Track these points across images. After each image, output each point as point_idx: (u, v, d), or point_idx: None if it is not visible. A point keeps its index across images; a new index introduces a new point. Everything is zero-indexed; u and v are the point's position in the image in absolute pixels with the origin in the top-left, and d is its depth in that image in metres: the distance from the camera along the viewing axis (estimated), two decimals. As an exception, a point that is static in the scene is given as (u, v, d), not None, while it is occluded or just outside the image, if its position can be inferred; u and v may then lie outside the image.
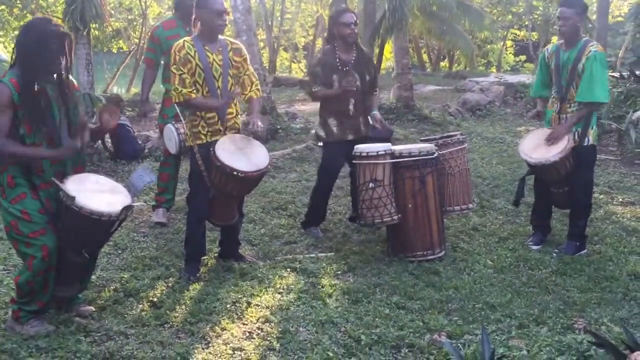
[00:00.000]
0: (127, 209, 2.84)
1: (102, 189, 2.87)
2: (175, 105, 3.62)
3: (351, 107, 4.16)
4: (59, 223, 2.78)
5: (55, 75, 2.78)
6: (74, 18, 5.95)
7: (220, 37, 3.48)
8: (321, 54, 4.28)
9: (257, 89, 3.61)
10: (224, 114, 3.45)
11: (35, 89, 2.70)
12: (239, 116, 3.58)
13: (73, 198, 2.67)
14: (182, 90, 3.35)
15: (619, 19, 19.80)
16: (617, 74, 8.80)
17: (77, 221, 2.73)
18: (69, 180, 2.78)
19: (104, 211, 2.74)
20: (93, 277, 3.45)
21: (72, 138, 2.84)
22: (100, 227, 2.81)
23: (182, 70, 3.35)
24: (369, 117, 4.22)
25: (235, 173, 3.26)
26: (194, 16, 3.47)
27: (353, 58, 4.16)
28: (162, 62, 4.50)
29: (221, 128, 3.46)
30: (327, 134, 4.18)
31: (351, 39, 4.13)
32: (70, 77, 2.93)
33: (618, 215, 4.86)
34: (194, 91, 3.38)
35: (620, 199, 5.31)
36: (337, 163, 4.21)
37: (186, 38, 3.45)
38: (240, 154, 3.36)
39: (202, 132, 3.44)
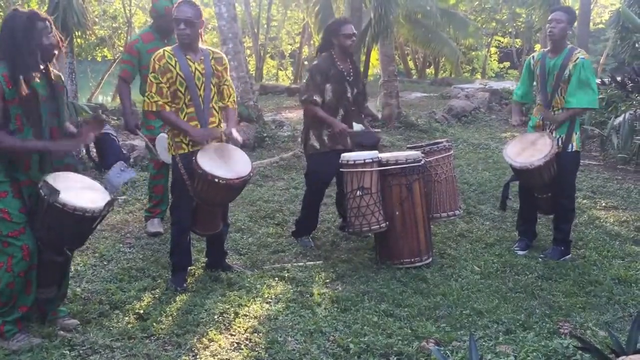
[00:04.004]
0: (110, 204, 2.83)
1: (81, 186, 2.84)
2: (144, 112, 3.56)
3: (339, 117, 4.16)
4: (38, 222, 2.73)
5: (44, 62, 2.75)
6: (55, 27, 5.89)
7: (201, 46, 3.48)
8: (320, 60, 4.21)
9: (233, 101, 3.61)
10: (205, 123, 3.45)
11: (30, 80, 2.67)
12: (221, 125, 3.56)
13: (58, 193, 2.64)
14: (157, 100, 3.34)
15: (600, 26, 20.19)
16: (598, 80, 8.96)
17: (60, 218, 2.69)
18: (49, 178, 2.73)
19: (87, 207, 2.71)
20: (78, 289, 3.42)
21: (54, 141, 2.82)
22: (84, 223, 2.78)
23: (160, 80, 3.33)
24: (360, 125, 4.26)
25: (216, 180, 3.25)
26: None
27: (351, 69, 4.19)
28: (138, 75, 4.42)
29: None
30: (321, 144, 4.17)
31: (351, 50, 4.15)
32: (57, 72, 2.90)
33: (601, 220, 4.93)
34: (170, 102, 3.37)
35: (604, 204, 5.39)
36: (328, 172, 4.19)
37: (166, 48, 3.42)
38: (221, 162, 3.35)
39: (184, 141, 3.42)
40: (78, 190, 2.79)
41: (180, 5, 3.36)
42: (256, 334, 2.96)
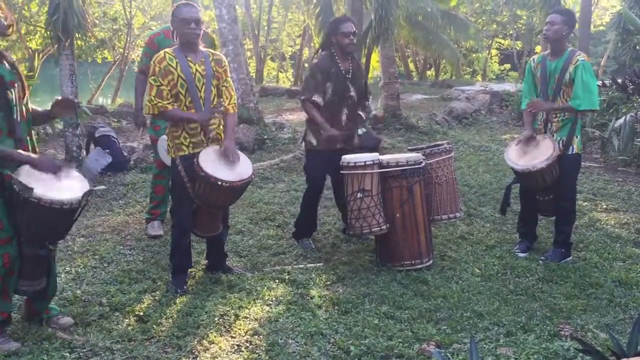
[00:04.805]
0: (88, 194, 2.76)
1: (57, 176, 2.75)
2: (149, 116, 3.59)
3: (344, 117, 4.16)
4: (17, 217, 2.66)
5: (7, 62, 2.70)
6: (56, 28, 5.90)
7: (201, 48, 3.48)
8: (320, 59, 4.19)
9: (234, 104, 3.57)
10: (207, 125, 3.44)
11: None
12: (221, 126, 3.56)
13: (31, 190, 2.56)
14: (157, 102, 3.33)
15: (601, 28, 20.20)
16: (599, 82, 8.96)
17: (37, 213, 2.62)
18: (23, 171, 2.66)
19: (64, 199, 2.63)
20: (78, 291, 3.42)
21: (23, 131, 2.76)
22: (63, 216, 2.71)
23: (160, 82, 3.33)
24: (359, 129, 4.24)
25: (219, 183, 3.25)
26: (172, 28, 3.47)
27: (351, 68, 4.16)
28: None
29: (204, 139, 3.43)
30: (318, 141, 4.16)
31: (350, 49, 4.10)
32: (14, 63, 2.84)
33: (602, 222, 4.92)
34: (172, 103, 3.36)
35: (604, 206, 5.38)
36: (322, 170, 4.19)
37: (167, 49, 3.42)
38: (223, 164, 3.35)
39: (184, 143, 3.41)
40: (54, 182, 2.70)
41: (185, 7, 3.38)
42: (257, 336, 2.95)
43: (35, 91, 10.56)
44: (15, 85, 2.73)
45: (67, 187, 2.72)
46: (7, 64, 2.73)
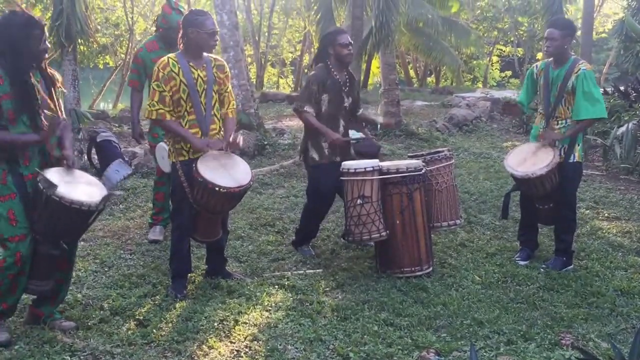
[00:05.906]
0: (106, 199, 2.89)
1: (79, 181, 2.90)
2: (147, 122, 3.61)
3: (341, 128, 4.17)
4: (36, 215, 2.78)
5: (37, 65, 2.84)
6: (59, 34, 5.93)
7: (204, 53, 3.50)
8: (317, 71, 4.21)
9: (233, 109, 3.64)
10: (206, 129, 3.45)
11: (24, 77, 2.77)
12: (221, 132, 3.57)
13: (55, 186, 2.69)
14: (158, 109, 3.37)
15: (603, 35, 20.26)
16: (601, 90, 8.96)
17: (56, 212, 2.74)
18: (48, 172, 2.79)
19: (84, 201, 2.76)
20: (79, 295, 3.42)
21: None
22: (80, 217, 2.83)
23: (163, 88, 3.36)
24: (356, 135, 4.23)
25: (217, 189, 3.26)
26: (181, 33, 3.48)
27: (347, 79, 4.18)
28: (146, 83, 4.47)
29: None
30: (320, 155, 4.16)
31: (348, 59, 4.14)
32: (55, 72, 3.00)
33: (604, 231, 4.91)
34: (172, 112, 3.38)
35: (606, 214, 5.37)
36: (330, 184, 4.17)
37: (170, 55, 3.46)
38: (222, 170, 3.36)
39: (185, 148, 3.43)
40: (76, 185, 2.84)
41: (208, 19, 3.43)
42: (256, 342, 2.95)
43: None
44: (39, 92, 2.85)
45: (87, 191, 2.86)
46: (35, 76, 2.85)
